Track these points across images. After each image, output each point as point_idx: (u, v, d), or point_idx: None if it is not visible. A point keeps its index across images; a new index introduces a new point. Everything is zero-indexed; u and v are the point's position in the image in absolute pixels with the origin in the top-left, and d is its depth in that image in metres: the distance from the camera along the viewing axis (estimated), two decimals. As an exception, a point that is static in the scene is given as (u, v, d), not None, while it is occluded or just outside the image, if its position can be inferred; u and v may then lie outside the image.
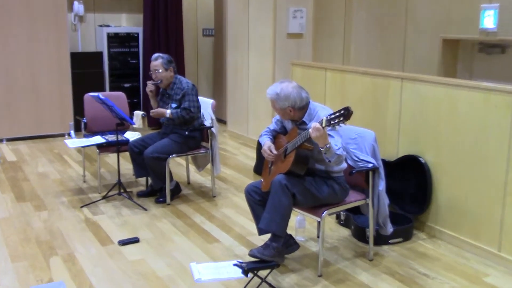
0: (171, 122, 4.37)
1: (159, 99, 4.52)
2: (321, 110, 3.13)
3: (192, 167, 5.22)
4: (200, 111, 4.45)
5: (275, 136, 3.38)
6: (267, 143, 3.27)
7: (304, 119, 3.13)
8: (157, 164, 4.27)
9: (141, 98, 7.55)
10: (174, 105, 4.32)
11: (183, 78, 4.42)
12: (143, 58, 7.42)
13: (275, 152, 3.21)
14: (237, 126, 6.95)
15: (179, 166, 5.52)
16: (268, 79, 6.04)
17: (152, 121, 6.97)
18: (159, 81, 4.35)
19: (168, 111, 4.27)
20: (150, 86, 4.39)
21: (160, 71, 4.33)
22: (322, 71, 4.92)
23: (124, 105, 4.97)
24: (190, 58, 8.12)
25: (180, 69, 7.41)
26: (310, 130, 2.83)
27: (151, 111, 4.35)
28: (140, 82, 7.55)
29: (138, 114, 4.77)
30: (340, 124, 2.73)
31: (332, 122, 2.74)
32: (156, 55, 4.40)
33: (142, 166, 4.39)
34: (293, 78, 5.29)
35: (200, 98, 4.49)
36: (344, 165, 3.20)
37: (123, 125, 4.34)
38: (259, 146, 4.95)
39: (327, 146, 2.85)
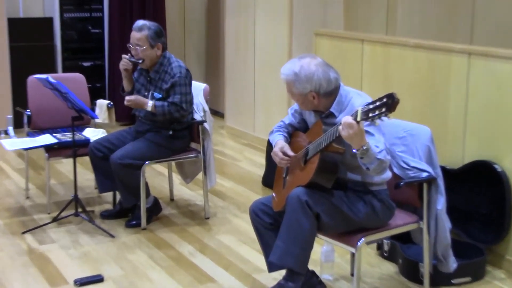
0: (150, 117, 4.36)
1: (135, 78, 4.50)
2: (356, 97, 3.13)
3: (177, 178, 5.23)
4: (193, 104, 4.44)
5: (292, 133, 3.38)
6: (279, 142, 3.27)
7: (332, 110, 3.13)
8: (129, 173, 4.28)
9: (106, 82, 7.58)
10: (157, 96, 4.29)
11: (174, 58, 4.37)
12: (109, 26, 7.45)
13: (290, 153, 3.20)
14: (239, 120, 6.96)
15: (159, 177, 5.53)
16: (282, 54, 6.05)
17: (123, 114, 6.99)
18: (140, 61, 4.31)
19: (150, 103, 4.24)
20: (126, 63, 4.33)
21: (144, 47, 4.27)
22: (357, 43, 4.92)
23: (83, 91, 4.98)
24: (174, 26, 8.12)
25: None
26: (340, 126, 2.82)
27: (127, 98, 4.27)
28: (106, 60, 7.57)
29: (102, 104, 4.77)
30: (382, 118, 2.72)
31: (370, 115, 2.73)
32: (140, 23, 4.32)
33: (108, 176, 4.40)
34: (317, 53, 5.29)
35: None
36: (388, 174, 3.19)
37: (82, 119, 4.35)
38: (270, 147, 4.95)
39: (364, 148, 2.84)
